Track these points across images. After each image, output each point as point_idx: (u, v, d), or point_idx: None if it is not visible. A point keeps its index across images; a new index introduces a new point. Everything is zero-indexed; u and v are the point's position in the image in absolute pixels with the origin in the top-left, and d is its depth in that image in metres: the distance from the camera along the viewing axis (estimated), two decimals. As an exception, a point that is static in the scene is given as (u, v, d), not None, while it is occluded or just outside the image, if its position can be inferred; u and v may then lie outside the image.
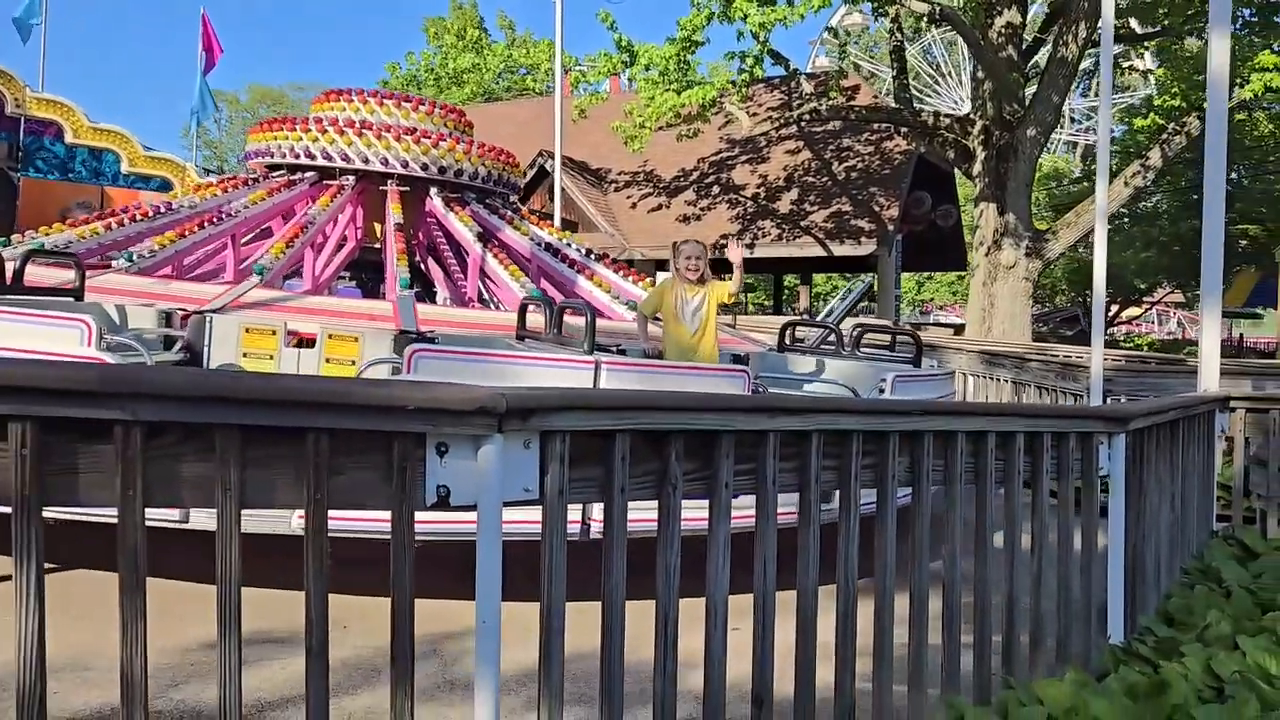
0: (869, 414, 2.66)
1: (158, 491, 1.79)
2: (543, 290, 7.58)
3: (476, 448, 1.99)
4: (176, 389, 1.73)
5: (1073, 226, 17.46)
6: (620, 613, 2.21)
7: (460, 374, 3.89)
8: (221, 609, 1.84)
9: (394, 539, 1.94)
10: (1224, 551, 4.85)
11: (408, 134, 7.90)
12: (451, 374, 3.91)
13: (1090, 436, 3.41)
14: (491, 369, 4.15)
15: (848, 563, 2.66)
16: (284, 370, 5.05)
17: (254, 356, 5.06)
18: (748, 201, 24.01)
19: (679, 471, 2.29)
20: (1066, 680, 3.10)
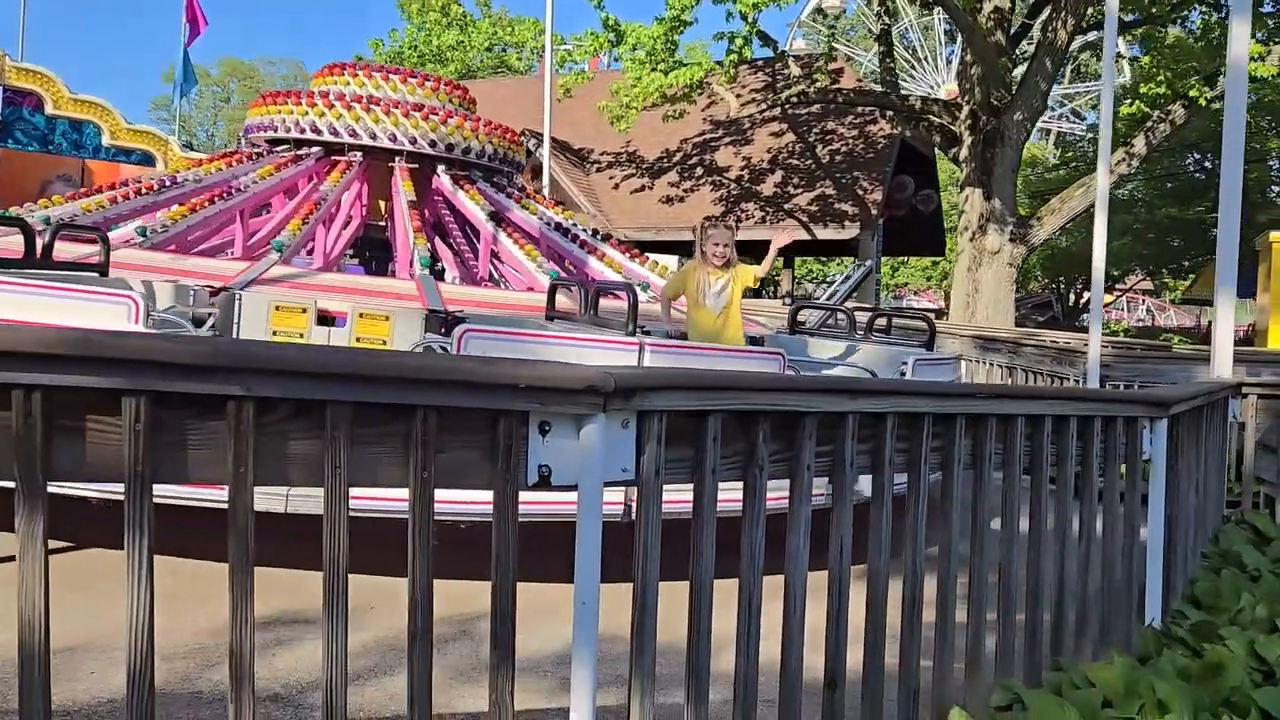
0: (939, 397, 2.66)
1: (266, 470, 1.75)
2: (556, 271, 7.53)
3: (579, 427, 1.97)
4: (295, 364, 1.70)
5: (1057, 213, 17.59)
6: (709, 595, 2.20)
7: (511, 354, 3.85)
8: (329, 593, 1.81)
9: (497, 520, 1.91)
10: (1239, 536, 4.93)
11: (415, 110, 7.79)
12: (502, 354, 3.87)
13: (1134, 421, 3.44)
14: (540, 349, 4.11)
15: (916, 547, 2.67)
16: None
17: (283, 335, 4.98)
18: (731, 184, 23.97)
19: (766, 453, 2.27)
20: (1116, 663, 3.13)
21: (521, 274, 7.91)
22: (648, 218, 23.92)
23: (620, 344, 4.38)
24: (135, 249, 6.14)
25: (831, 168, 23.19)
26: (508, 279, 8.41)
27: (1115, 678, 3.02)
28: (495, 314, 5.85)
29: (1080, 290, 42.20)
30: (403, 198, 7.52)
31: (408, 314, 5.37)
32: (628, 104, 19.27)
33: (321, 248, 7.75)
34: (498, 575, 1.92)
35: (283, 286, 5.82)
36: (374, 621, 4.22)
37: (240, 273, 5.88)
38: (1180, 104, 16.58)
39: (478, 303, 6.19)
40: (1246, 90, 5.54)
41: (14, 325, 1.54)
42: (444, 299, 5.94)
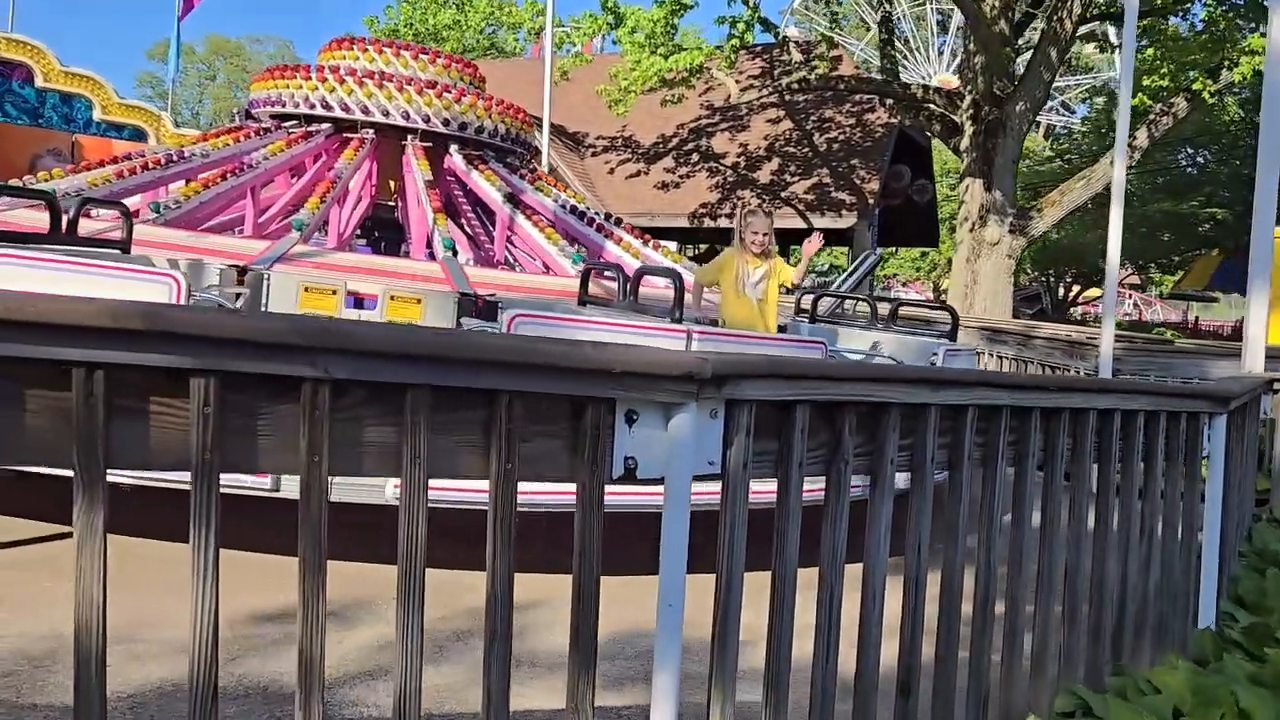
0: (1017, 389, 2.54)
1: (340, 459, 1.61)
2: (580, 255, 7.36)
3: (667, 416, 1.84)
4: (376, 345, 1.56)
5: (1057, 205, 17.53)
6: (792, 598, 2.07)
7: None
8: (405, 590, 1.68)
9: (581, 515, 1.78)
10: (1273, 534, 4.85)
11: (429, 87, 7.59)
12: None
13: (1197, 416, 3.33)
14: (591, 335, 3.98)
15: (991, 548, 2.55)
16: None
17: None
18: (728, 170, 23.80)
19: (850, 446, 2.15)
20: (1180, 668, 3.03)
21: (538, 257, 7.74)
22: (643, 203, 23.71)
23: (669, 331, 4.25)
24: (150, 225, 5.95)
25: (829, 156, 23.04)
26: (521, 262, 8.24)
27: (1181, 684, 2.92)
28: (527, 298, 5.69)
29: (1070, 283, 42.37)
30: (419, 177, 7.33)
31: (439, 297, 5.21)
32: (627, 88, 19.09)
33: (336, 227, 7.55)
34: (582, 573, 1.78)
35: (306, 266, 5.65)
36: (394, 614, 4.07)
37: (262, 252, 5.70)
38: (1183, 97, 16.51)
39: (506, 286, 6.03)
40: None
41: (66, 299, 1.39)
42: (470, 282, 5.78)
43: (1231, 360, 9.11)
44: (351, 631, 3.90)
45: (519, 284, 6.37)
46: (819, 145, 23.45)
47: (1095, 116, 35.53)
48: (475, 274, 6.19)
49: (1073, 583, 2.86)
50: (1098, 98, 41.34)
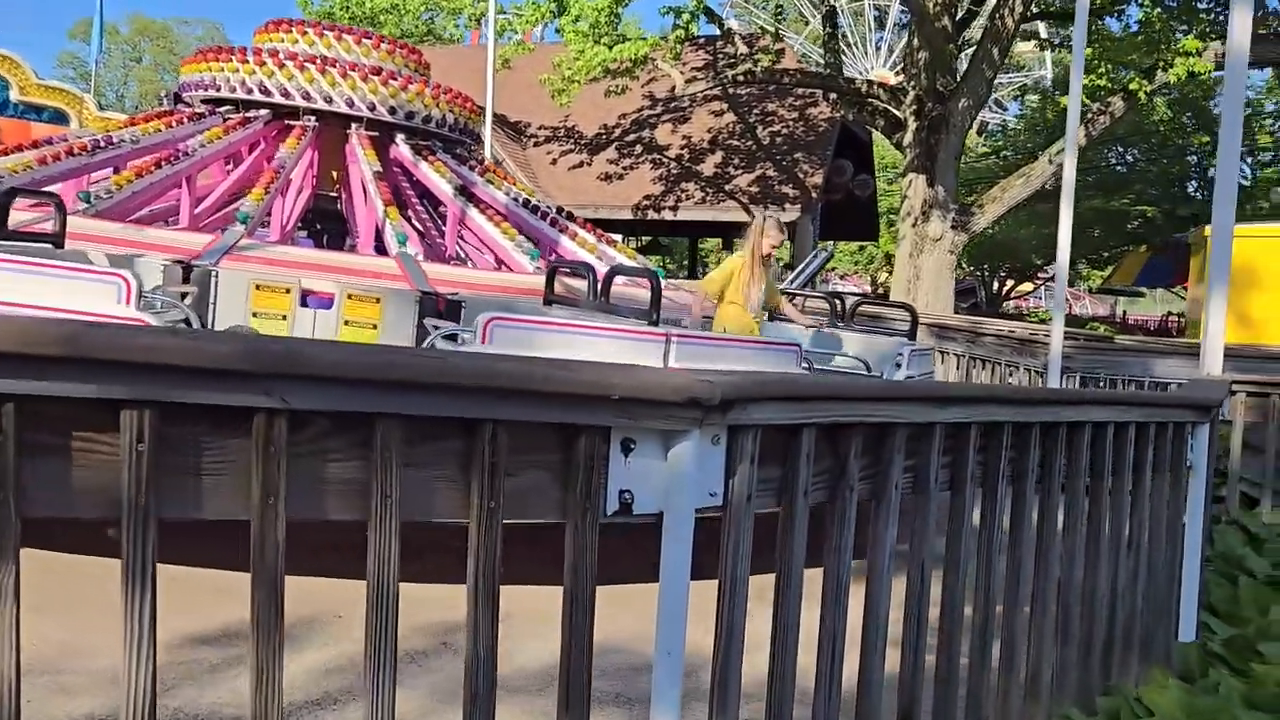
0: (1019, 404, 2.40)
1: (299, 499, 1.39)
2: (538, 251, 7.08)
3: (666, 445, 1.65)
4: (341, 369, 1.34)
5: (998, 201, 17.68)
6: (795, 635, 1.90)
7: (539, 346, 3.51)
8: (374, 650, 1.45)
9: (572, 559, 1.58)
10: (1235, 538, 4.82)
11: (374, 74, 7.24)
12: (529, 346, 3.52)
13: (1183, 426, 3.24)
14: (570, 341, 3.76)
15: (992, 570, 2.40)
16: (298, 333, 4.54)
17: (265, 316, 4.52)
18: (671, 162, 23.65)
19: (856, 471, 1.98)
20: (1171, 687, 2.93)
21: (491, 253, 7.45)
22: (586, 194, 23.45)
23: (649, 335, 4.05)
24: (80, 217, 5.51)
25: (772, 149, 23.02)
26: (471, 257, 7.94)
27: (1173, 704, 2.82)
28: (489, 297, 5.43)
29: (1004, 278, 43.08)
30: (366, 168, 6.99)
31: (399, 296, 4.94)
32: (570, 77, 18.78)
33: (279, 219, 7.17)
34: (573, 622, 1.58)
35: (254, 261, 5.31)
36: (344, 632, 3.82)
37: (206, 246, 5.34)
38: (1120, 96, 16.75)
39: (466, 284, 5.75)
40: (1245, 80, 5.39)
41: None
42: (429, 279, 5.50)
43: (1175, 359, 9.22)
44: (298, 654, 3.64)
45: (480, 282, 6.09)
46: (762, 139, 23.41)
47: (1030, 114, 36.11)
48: (431, 270, 5.91)
49: (1066, 600, 2.74)
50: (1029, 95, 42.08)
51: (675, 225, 24.92)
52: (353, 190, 7.50)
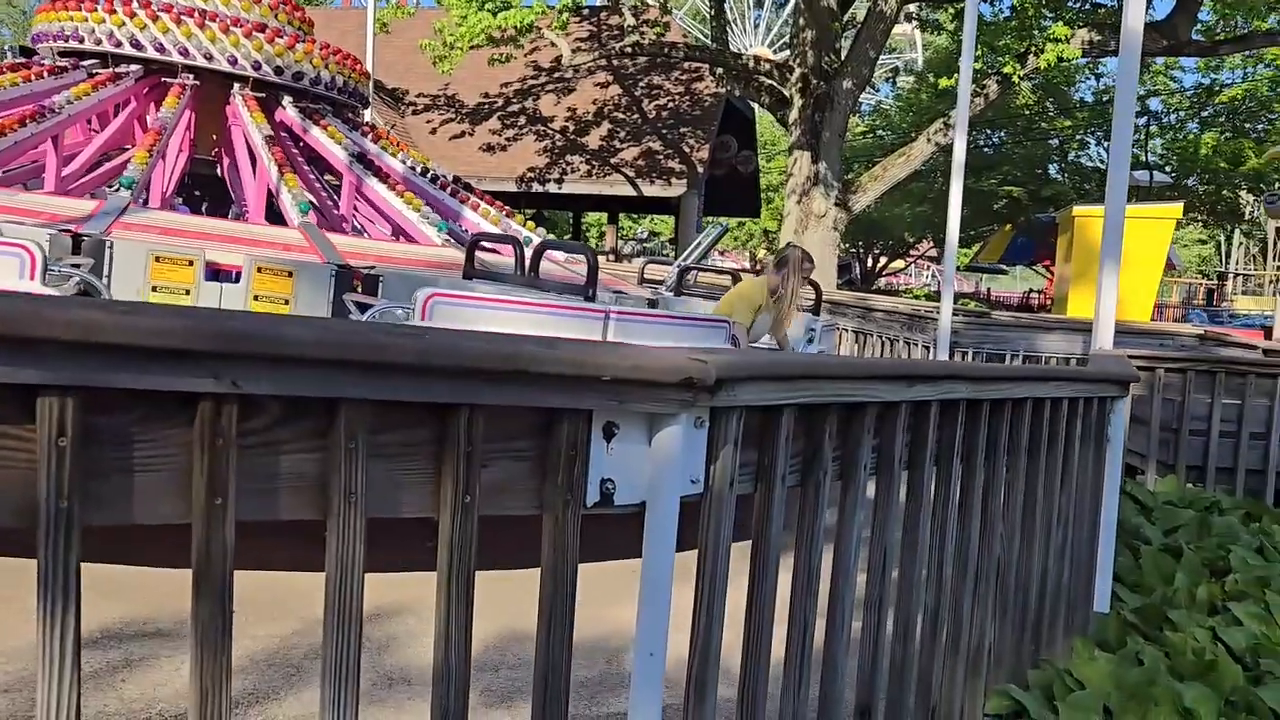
0: (976, 381, 2.35)
1: (250, 497, 1.20)
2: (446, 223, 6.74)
3: (651, 429, 1.51)
4: (303, 347, 1.15)
5: (879, 180, 18.06)
6: (770, 621, 1.80)
7: (482, 324, 3.31)
8: (335, 660, 1.28)
9: (552, 555, 1.43)
10: (1129, 508, 4.99)
11: (258, 30, 6.73)
12: (472, 324, 3.32)
13: (1105, 401, 3.29)
14: (513, 318, 3.55)
15: (945, 552, 2.36)
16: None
17: (165, 290, 4.13)
18: (556, 134, 23.32)
19: (830, 454, 1.88)
20: (1099, 659, 2.97)
21: (389, 224, 7.06)
22: (468, 165, 22.89)
23: (589, 312, 3.89)
24: None
25: (658, 123, 22.93)
26: (368, 229, 7.54)
27: (1103, 677, 2.85)
28: (406, 270, 5.11)
29: (878, 255, 44.35)
30: (255, 131, 6.50)
31: (313, 269, 4.58)
32: (452, 44, 18.24)
33: (159, 185, 6.61)
34: (552, 632, 1.44)
35: (147, 231, 4.84)
36: (240, 629, 3.54)
37: (91, 214, 4.84)
38: (995, 79, 17.27)
39: (379, 256, 5.40)
40: (1138, 66, 5.53)
41: None
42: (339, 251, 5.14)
43: (1056, 333, 9.57)
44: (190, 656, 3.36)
45: (389, 254, 5.74)
46: (648, 112, 23.29)
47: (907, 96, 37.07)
48: (342, 242, 5.55)
49: (1005, 579, 2.73)
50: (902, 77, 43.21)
51: (560, 198, 24.61)
52: (237, 155, 7.01)
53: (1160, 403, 5.87)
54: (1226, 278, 50.64)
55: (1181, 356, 6.16)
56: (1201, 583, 3.76)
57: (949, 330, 8.53)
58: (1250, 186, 32.53)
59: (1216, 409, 5.81)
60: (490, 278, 5.01)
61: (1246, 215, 38.53)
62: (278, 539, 2.09)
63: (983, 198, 33.50)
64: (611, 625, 3.29)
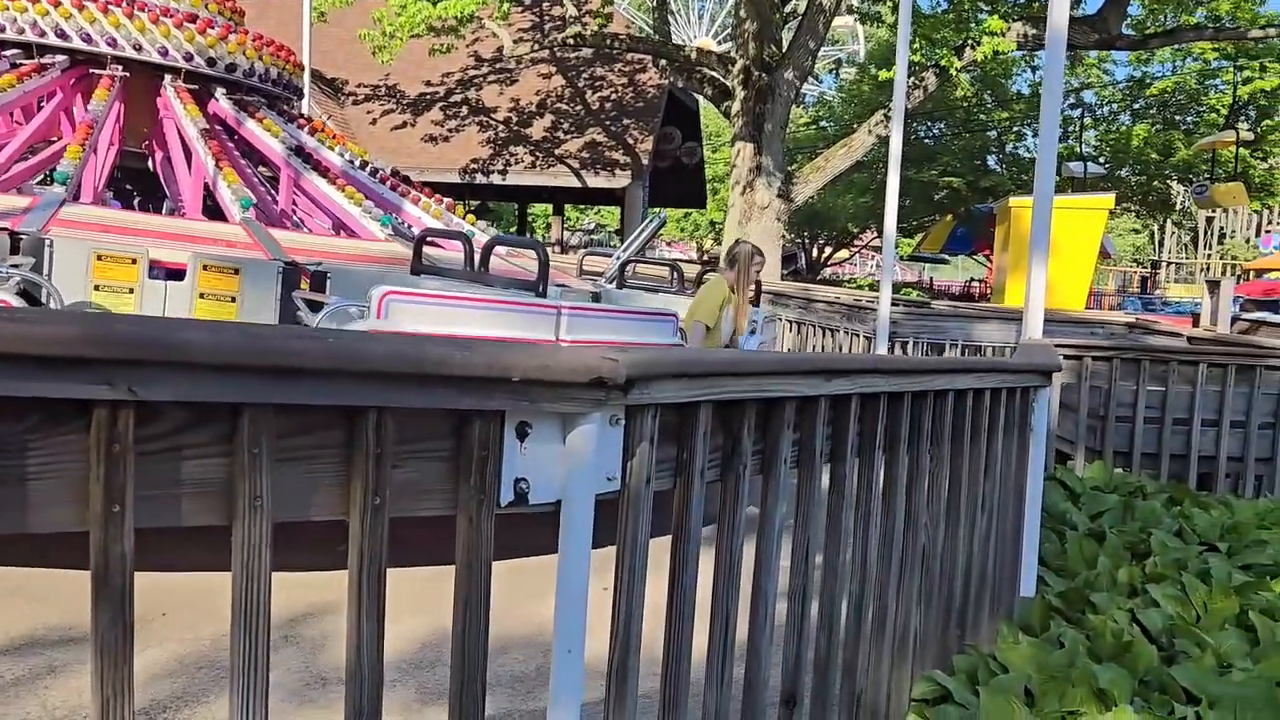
0: (897, 374, 2.39)
1: (149, 506, 1.19)
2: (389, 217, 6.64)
3: (565, 429, 1.52)
4: (203, 353, 1.14)
5: (821, 171, 18.23)
6: (690, 620, 1.82)
7: (437, 322, 3.30)
8: (244, 666, 1.27)
9: (466, 557, 1.43)
10: (1057, 493, 5.11)
11: (189, 21, 6.56)
12: (428, 322, 3.30)
13: (1028, 390, 3.37)
14: (468, 315, 3.53)
15: (868, 544, 2.40)
16: (147, 308, 4.07)
17: (108, 290, 4.01)
18: (499, 125, 23.17)
19: (750, 447, 1.91)
20: (1023, 643, 3.04)
21: (329, 219, 6.94)
22: (410, 156, 22.66)
23: (541, 308, 3.90)
24: None
25: (601, 115, 22.90)
26: (307, 224, 7.41)
27: (1025, 660, 2.93)
28: (352, 267, 5.03)
29: (823, 246, 44.75)
30: (189, 125, 6.34)
31: (259, 267, 4.48)
32: (391, 33, 18.04)
33: (91, 180, 6.41)
34: (467, 633, 1.44)
35: (86, 228, 4.69)
36: (169, 633, 3.51)
37: (26, 210, 4.68)
38: (933, 72, 17.51)
39: (324, 253, 5.30)
40: (1065, 59, 5.65)
41: None
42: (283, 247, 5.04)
43: (992, 322, 9.75)
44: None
45: (338, 250, 5.64)
46: (592, 104, 23.24)
47: (849, 88, 37.38)
48: (286, 238, 5.44)
49: (930, 566, 2.79)
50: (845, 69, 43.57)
51: (504, 190, 24.47)
52: (170, 149, 6.84)
53: (1088, 390, 6.02)
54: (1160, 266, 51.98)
55: (1108, 345, 6.31)
56: (1123, 566, 3.87)
57: (888, 321, 8.65)
58: (1180, 177, 33.41)
59: (1141, 396, 5.98)
60: (438, 273, 4.98)
61: (1177, 205, 39.54)
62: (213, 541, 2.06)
63: (924, 188, 34.01)
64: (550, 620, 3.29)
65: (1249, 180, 30.38)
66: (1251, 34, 18.86)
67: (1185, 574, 3.70)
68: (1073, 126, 32.95)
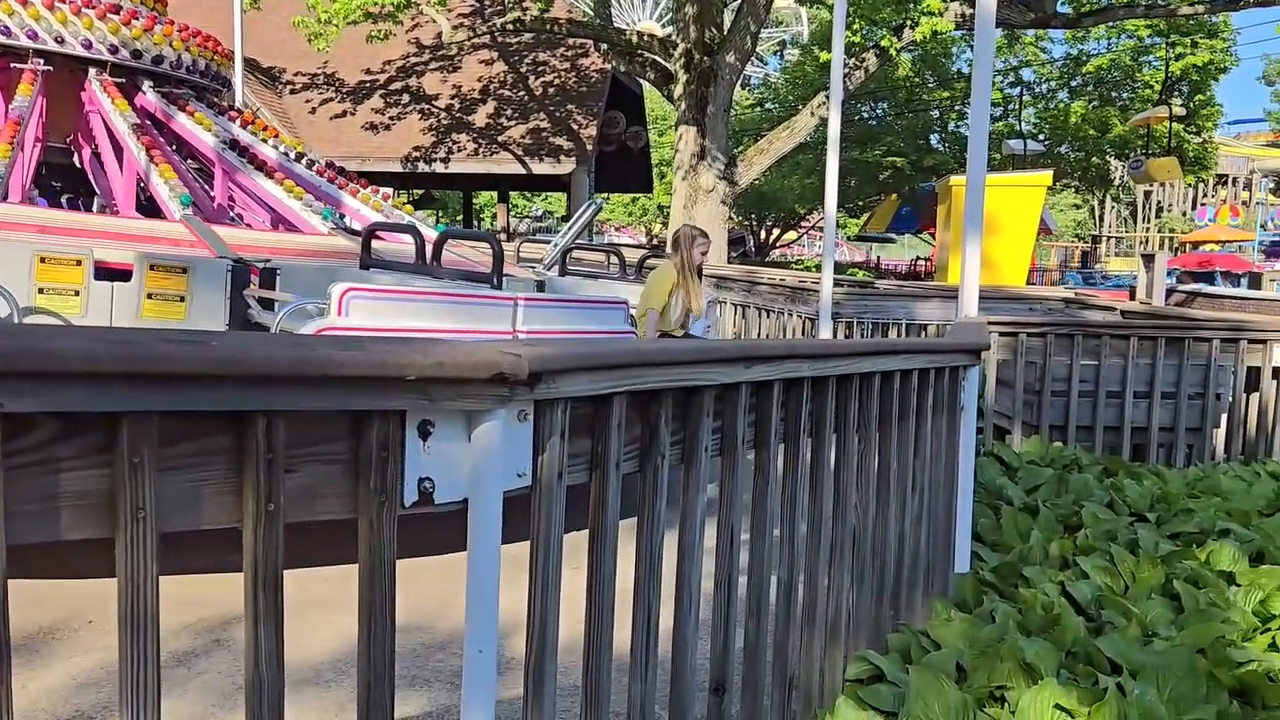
0: (819, 358, 2.39)
1: (22, 520, 1.15)
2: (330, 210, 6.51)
3: (470, 426, 1.50)
4: (80, 362, 1.09)
5: (765, 154, 18.27)
6: (610, 615, 1.81)
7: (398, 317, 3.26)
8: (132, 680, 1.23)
9: (368, 559, 1.41)
10: (993, 469, 5.18)
11: (112, 12, 6.35)
12: (389, 318, 3.26)
13: (957, 370, 3.40)
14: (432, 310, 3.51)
15: (795, 529, 2.41)
16: (94, 310, 3.95)
17: (53, 293, 3.88)
18: (441, 113, 22.91)
19: (667, 438, 1.90)
20: (955, 620, 3.08)
21: (271, 213, 6.78)
22: (351, 146, 22.35)
23: (497, 299, 3.92)
24: None
25: (545, 100, 22.75)
26: (245, 219, 7.25)
27: (956, 636, 2.96)
28: (298, 262, 4.93)
29: (770, 227, 44.96)
30: (119, 119, 6.14)
31: (208, 265, 4.37)
32: (327, 20, 17.73)
33: (18, 178, 6.19)
34: (372, 642, 1.41)
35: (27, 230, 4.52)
36: (94, 639, 3.43)
37: None
38: (873, 52, 17.61)
39: (270, 249, 5.18)
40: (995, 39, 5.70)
41: None
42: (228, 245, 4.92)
43: (933, 301, 9.86)
44: (42, 669, 3.23)
45: (283, 246, 5.52)
46: (534, 89, 23.08)
47: (792, 69, 37.50)
48: (223, 235, 5.32)
49: (861, 548, 2.81)
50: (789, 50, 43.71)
51: (448, 178, 24.25)
52: (98, 144, 6.65)
53: (1024, 366, 6.11)
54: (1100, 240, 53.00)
55: (1042, 322, 6.41)
56: (1055, 539, 3.93)
57: (830, 302, 8.71)
58: (1117, 152, 34.02)
59: (1075, 370, 6.08)
60: (387, 267, 4.92)
61: (1115, 180, 40.31)
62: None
63: (868, 168, 34.27)
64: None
65: (1183, 154, 31.04)
66: (1182, 10, 19.19)
67: (1115, 545, 3.77)
68: (1012, 104, 33.37)
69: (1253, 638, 3.02)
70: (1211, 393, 6.14)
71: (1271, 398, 6.24)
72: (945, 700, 2.37)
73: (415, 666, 3.36)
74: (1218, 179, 48.28)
